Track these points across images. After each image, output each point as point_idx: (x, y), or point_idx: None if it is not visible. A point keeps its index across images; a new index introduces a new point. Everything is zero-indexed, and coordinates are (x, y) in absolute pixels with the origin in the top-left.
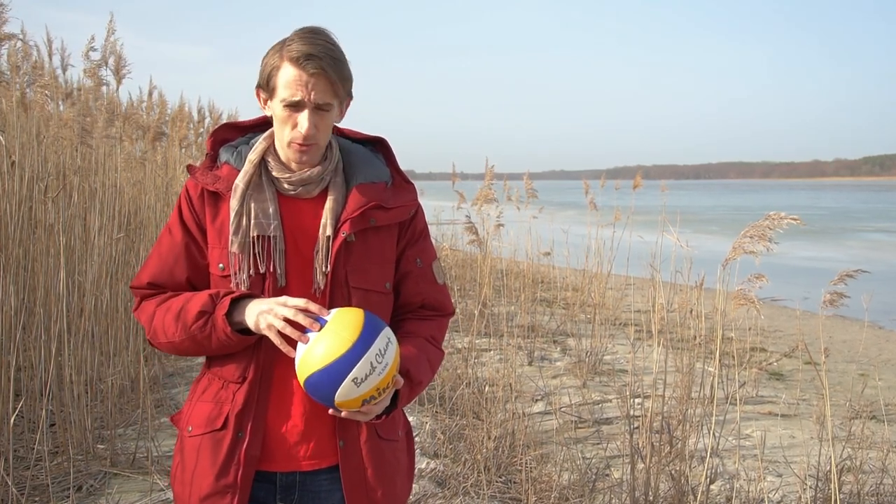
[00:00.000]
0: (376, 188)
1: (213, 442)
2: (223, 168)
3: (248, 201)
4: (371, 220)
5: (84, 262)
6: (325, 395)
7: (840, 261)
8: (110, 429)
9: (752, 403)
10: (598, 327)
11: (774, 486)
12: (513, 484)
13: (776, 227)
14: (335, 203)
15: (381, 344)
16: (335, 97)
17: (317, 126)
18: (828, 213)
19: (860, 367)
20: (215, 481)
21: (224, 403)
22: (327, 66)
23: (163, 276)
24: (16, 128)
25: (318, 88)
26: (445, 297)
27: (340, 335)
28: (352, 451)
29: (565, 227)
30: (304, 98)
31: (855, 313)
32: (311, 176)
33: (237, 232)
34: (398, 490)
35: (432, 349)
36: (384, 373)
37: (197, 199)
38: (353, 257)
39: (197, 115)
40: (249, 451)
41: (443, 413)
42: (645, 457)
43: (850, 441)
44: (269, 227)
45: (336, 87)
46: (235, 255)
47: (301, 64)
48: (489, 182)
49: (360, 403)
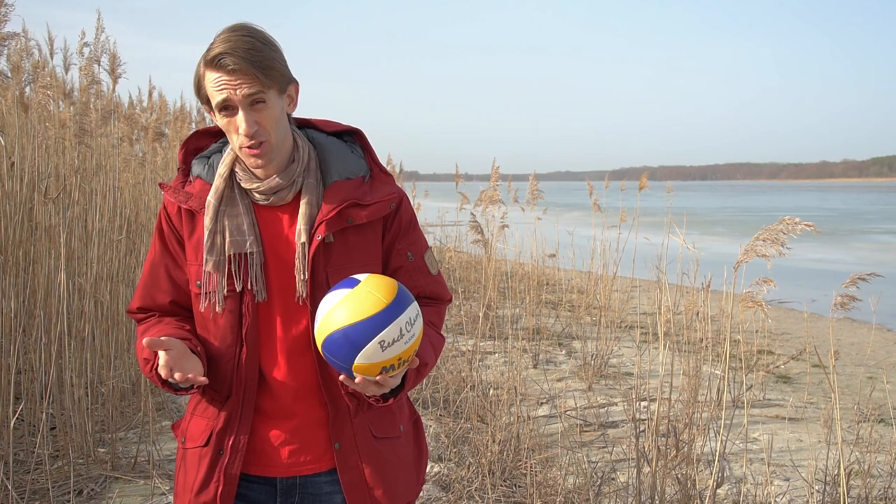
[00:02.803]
0: (352, 184)
1: (197, 457)
2: (195, 183)
3: (222, 218)
4: (349, 220)
5: (84, 264)
6: (346, 354)
7: (848, 263)
8: (111, 432)
9: (759, 407)
10: (604, 330)
11: (782, 491)
12: (518, 488)
13: (790, 232)
14: (309, 206)
15: (411, 313)
16: (264, 87)
17: (258, 122)
18: (836, 214)
19: (868, 371)
20: (195, 497)
21: (210, 419)
22: (244, 58)
23: (147, 300)
24: (16, 128)
25: (241, 82)
26: (442, 287)
27: (375, 295)
28: (348, 452)
29: (570, 229)
30: (232, 96)
31: (863, 316)
32: (280, 183)
33: (211, 251)
34: (401, 487)
35: (433, 333)
36: (410, 342)
37: (175, 215)
38: (333, 258)
39: (197, 115)
40: (229, 469)
41: (447, 416)
42: (651, 461)
43: (858, 445)
44: (246, 243)
45: (260, 77)
46: (210, 275)
47: (218, 64)
48: (494, 183)
49: (379, 371)
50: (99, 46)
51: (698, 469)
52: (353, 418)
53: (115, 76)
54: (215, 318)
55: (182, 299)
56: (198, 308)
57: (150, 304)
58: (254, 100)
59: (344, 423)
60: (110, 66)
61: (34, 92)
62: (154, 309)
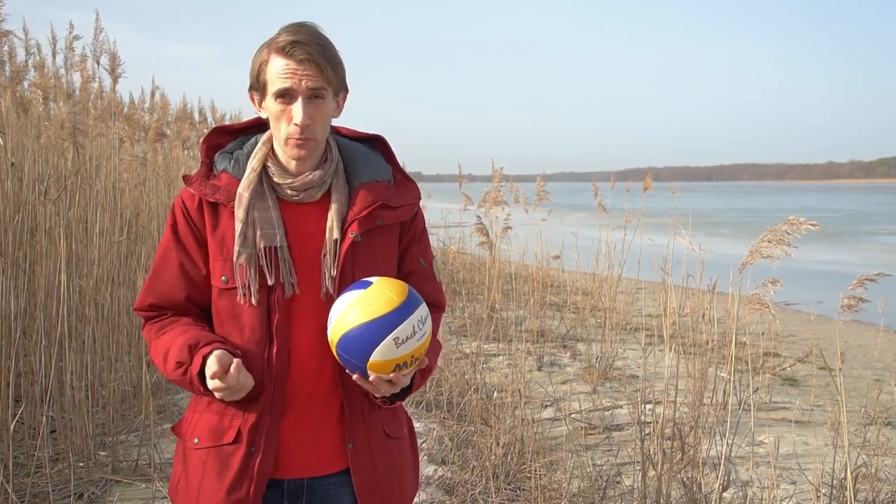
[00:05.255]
0: (380, 187)
1: (223, 456)
2: (222, 177)
3: (252, 211)
4: (377, 220)
5: (85, 265)
6: (362, 352)
7: (854, 264)
8: (112, 435)
9: (765, 410)
10: (609, 332)
11: (788, 494)
12: (522, 491)
13: (795, 233)
14: (339, 205)
15: (422, 312)
16: (327, 83)
17: (312, 117)
18: (842, 215)
19: (875, 373)
20: (227, 496)
21: (235, 416)
22: (315, 52)
23: (162, 298)
24: (15, 129)
25: (308, 74)
26: (441, 294)
27: (387, 294)
28: (362, 452)
29: (575, 230)
30: (295, 86)
31: (870, 318)
32: (313, 180)
33: (244, 244)
34: (407, 488)
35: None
36: (422, 340)
37: (195, 210)
38: (359, 258)
39: (199, 116)
40: (262, 466)
41: (450, 419)
42: (656, 464)
43: (864, 448)
44: (276, 236)
45: (326, 72)
46: (242, 268)
47: (288, 52)
48: (498, 184)
49: (392, 368)
50: (98, 46)
51: (704, 472)
52: (367, 418)
53: (115, 76)
54: (244, 312)
55: (197, 296)
56: (221, 304)
57: (163, 301)
58: (314, 94)
59: (357, 424)
60: (110, 65)
61: (31, 92)
62: (168, 306)
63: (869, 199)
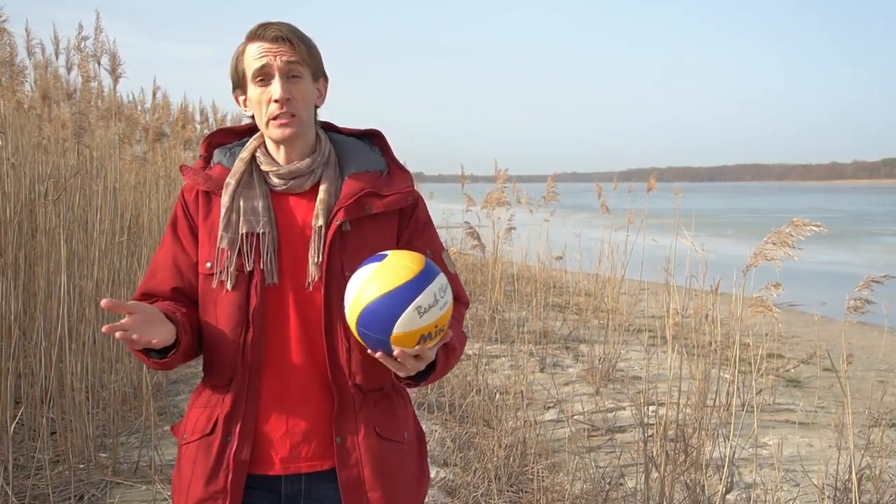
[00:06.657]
0: (370, 176)
1: (204, 447)
2: (215, 168)
3: (238, 199)
4: (367, 208)
5: (85, 266)
6: (383, 325)
7: (858, 265)
8: (112, 437)
9: (768, 411)
10: (612, 333)
11: (792, 496)
12: (524, 493)
13: (799, 234)
14: (328, 195)
15: (442, 280)
16: (302, 61)
17: (291, 93)
18: (844, 216)
19: (879, 374)
20: (205, 487)
21: (215, 407)
22: (286, 30)
23: (151, 287)
24: (15, 129)
25: (282, 51)
26: (460, 287)
27: (404, 263)
28: (349, 447)
29: (578, 231)
30: (271, 61)
31: (874, 319)
32: (300, 168)
33: (227, 228)
34: (402, 494)
35: (457, 326)
36: (444, 308)
37: (192, 201)
38: (349, 247)
39: (200, 116)
40: (238, 455)
41: (452, 421)
42: (659, 466)
43: (869, 449)
44: (259, 223)
45: (300, 49)
46: (223, 251)
47: (260, 35)
48: (502, 185)
49: (417, 340)
50: (99, 46)
51: (707, 474)
52: (358, 412)
53: (115, 76)
54: (222, 297)
55: (184, 286)
56: (204, 289)
57: (151, 290)
58: (291, 71)
59: (347, 417)
60: (111, 65)
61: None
62: (157, 295)
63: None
